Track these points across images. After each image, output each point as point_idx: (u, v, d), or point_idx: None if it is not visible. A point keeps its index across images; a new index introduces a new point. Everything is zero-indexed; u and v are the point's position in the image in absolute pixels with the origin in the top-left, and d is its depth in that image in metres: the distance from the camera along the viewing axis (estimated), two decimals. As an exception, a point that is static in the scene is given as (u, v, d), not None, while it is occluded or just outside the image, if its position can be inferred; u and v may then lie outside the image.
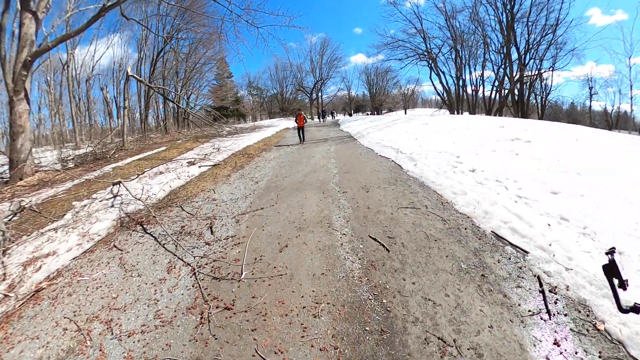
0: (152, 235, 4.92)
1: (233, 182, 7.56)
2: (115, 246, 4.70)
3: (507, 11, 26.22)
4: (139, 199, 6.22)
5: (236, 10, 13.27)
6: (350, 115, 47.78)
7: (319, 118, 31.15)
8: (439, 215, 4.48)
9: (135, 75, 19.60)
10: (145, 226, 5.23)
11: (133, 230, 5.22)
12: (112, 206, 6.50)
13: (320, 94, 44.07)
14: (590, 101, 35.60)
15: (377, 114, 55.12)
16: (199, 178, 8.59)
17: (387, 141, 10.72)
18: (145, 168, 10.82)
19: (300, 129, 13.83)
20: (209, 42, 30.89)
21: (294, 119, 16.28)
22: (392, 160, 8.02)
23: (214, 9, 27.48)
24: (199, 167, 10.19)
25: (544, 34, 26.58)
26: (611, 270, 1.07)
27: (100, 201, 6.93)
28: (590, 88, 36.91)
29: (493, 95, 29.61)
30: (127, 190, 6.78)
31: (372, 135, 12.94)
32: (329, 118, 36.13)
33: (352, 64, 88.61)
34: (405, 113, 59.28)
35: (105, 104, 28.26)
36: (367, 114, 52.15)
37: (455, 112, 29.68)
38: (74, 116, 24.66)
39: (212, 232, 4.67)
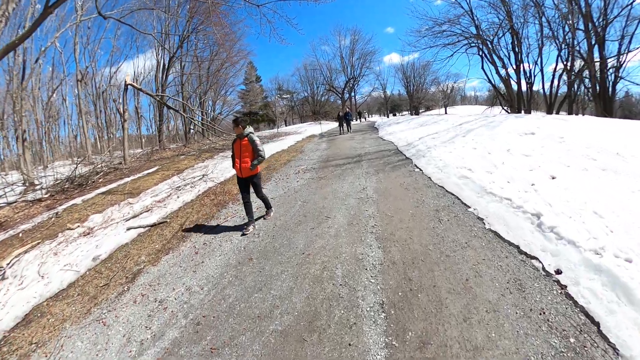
0: None
1: (113, 323, 2.49)
2: None
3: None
4: None
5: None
6: (388, 116, 41.33)
7: (340, 125, 18.11)
8: None
9: (134, 84, 15.79)
10: None
11: None
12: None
13: (353, 94, 38.12)
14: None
15: (416, 113, 48.19)
16: (94, 273, 3.83)
17: (483, 175, 4.97)
18: (102, 207, 7.39)
19: (246, 185, 4.47)
20: (226, 42, 26.65)
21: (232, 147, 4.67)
22: (575, 295, 2.29)
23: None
24: (127, 229, 5.43)
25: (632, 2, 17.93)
26: None
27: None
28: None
29: (550, 88, 21.76)
30: None
31: (439, 153, 7.15)
32: (358, 122, 29.44)
33: (385, 64, 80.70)
34: (446, 112, 51.56)
35: (119, 116, 25.15)
36: (412, 114, 45.44)
37: (517, 111, 22.21)
38: (84, 129, 21.68)
39: None
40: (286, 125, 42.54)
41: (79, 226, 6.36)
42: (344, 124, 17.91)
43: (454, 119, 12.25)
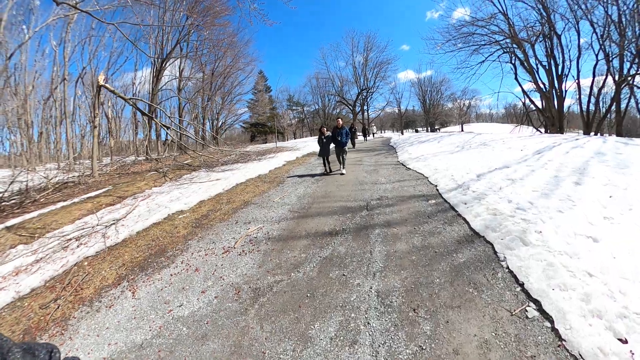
0: None
1: None
2: None
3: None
4: None
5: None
6: (402, 132, 36.61)
7: (322, 156, 7.76)
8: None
9: (107, 86, 12.10)
10: None
11: None
12: None
13: (366, 107, 33.50)
14: None
15: (432, 130, 43.60)
16: None
17: None
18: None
19: None
20: (230, 46, 23.14)
21: None
22: None
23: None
24: None
25: None
26: None
27: None
28: None
29: (587, 104, 16.98)
30: None
31: (576, 244, 2.68)
32: (364, 138, 22.49)
33: (401, 80, 75.28)
34: (462, 129, 46.62)
35: (107, 120, 22.00)
36: (428, 131, 40.78)
37: (560, 131, 17.15)
38: (68, 132, 18.56)
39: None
40: (295, 138, 38.62)
41: None
42: (337, 153, 7.76)
43: (514, 142, 7.68)
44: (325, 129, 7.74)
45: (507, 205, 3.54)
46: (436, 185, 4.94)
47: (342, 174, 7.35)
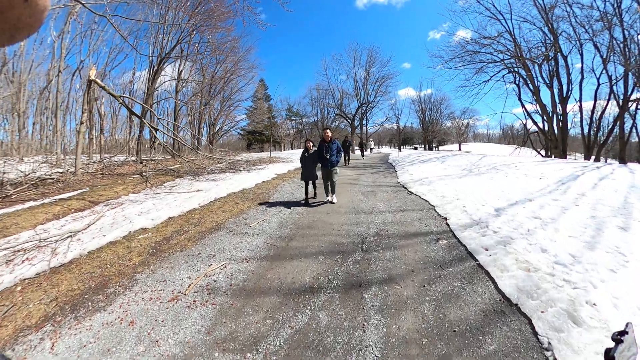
0: None
1: None
2: None
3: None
4: None
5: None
6: (400, 149, 36.17)
7: (305, 179, 5.89)
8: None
9: (98, 81, 11.34)
10: None
11: None
12: None
13: (365, 122, 32.87)
14: None
15: (429, 148, 43.38)
16: None
17: None
18: None
19: None
20: (232, 51, 22.68)
21: None
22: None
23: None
24: None
25: None
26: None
27: None
28: None
29: (589, 127, 16.99)
30: None
31: None
32: (361, 154, 20.65)
33: (401, 97, 75.61)
34: (460, 148, 46.49)
35: (99, 116, 21.24)
36: (425, 149, 40.43)
37: (563, 154, 16.67)
38: (57, 125, 17.80)
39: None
40: (292, 149, 37.95)
41: None
42: (324, 176, 6.03)
43: (529, 167, 6.98)
44: (310, 144, 5.96)
45: (541, 256, 2.75)
46: (446, 219, 4.15)
47: (332, 202, 5.77)
